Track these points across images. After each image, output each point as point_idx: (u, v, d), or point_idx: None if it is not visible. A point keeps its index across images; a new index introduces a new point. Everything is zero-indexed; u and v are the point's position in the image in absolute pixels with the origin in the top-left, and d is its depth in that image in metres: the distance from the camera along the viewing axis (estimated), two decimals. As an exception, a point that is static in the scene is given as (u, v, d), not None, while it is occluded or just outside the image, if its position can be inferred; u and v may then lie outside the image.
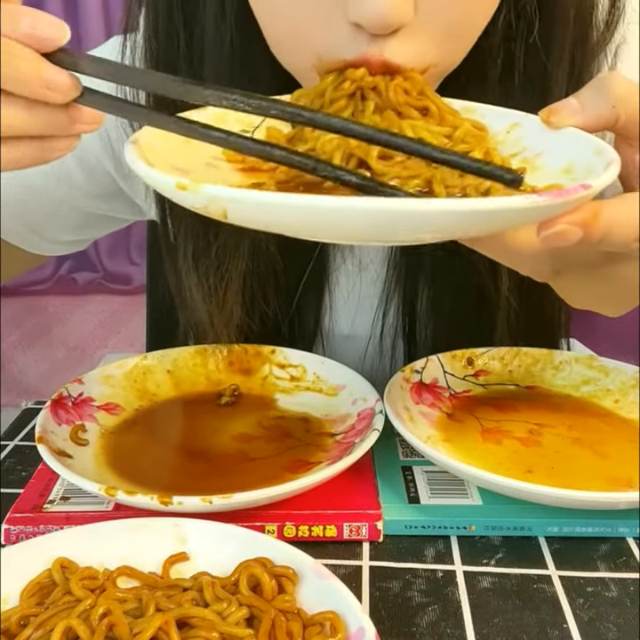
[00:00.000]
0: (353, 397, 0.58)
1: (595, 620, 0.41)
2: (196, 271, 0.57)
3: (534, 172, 0.39)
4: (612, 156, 0.35)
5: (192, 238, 0.56)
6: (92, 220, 0.69)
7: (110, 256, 2.22)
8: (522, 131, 0.41)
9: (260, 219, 0.32)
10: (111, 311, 2.29)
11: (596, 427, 0.56)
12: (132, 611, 0.37)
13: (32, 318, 2.29)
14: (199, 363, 0.64)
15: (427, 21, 0.39)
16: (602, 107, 0.37)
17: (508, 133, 0.42)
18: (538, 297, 0.60)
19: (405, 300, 0.64)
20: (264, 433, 0.56)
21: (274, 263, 0.60)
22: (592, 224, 0.33)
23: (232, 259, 0.57)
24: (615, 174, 0.34)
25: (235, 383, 0.62)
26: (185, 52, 0.51)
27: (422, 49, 0.41)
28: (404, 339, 0.66)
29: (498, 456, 0.51)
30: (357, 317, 0.67)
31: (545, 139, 0.40)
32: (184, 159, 0.38)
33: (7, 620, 0.37)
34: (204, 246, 0.56)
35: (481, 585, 0.44)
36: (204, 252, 0.57)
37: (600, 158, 0.36)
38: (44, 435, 0.50)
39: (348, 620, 0.35)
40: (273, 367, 0.63)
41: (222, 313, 0.59)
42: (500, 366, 0.63)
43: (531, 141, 0.41)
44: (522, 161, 0.40)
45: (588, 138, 0.38)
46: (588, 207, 0.33)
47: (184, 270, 0.58)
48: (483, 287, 0.59)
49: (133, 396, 0.60)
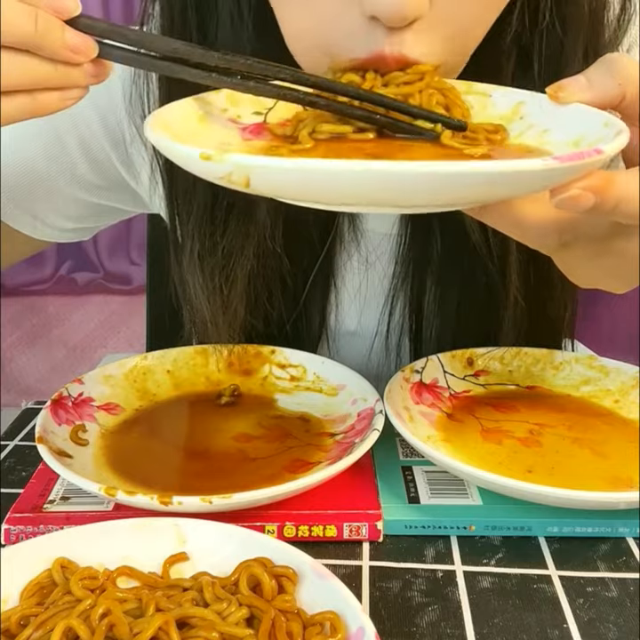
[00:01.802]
0: (353, 397, 0.58)
1: (595, 620, 0.41)
2: (202, 271, 0.57)
3: (544, 147, 0.39)
4: (620, 126, 0.35)
5: (199, 238, 0.56)
6: (95, 210, 0.68)
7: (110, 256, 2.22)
8: (528, 108, 0.42)
9: (281, 186, 0.32)
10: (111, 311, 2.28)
11: (596, 427, 0.56)
12: (132, 611, 0.37)
13: (32, 318, 2.28)
14: (199, 363, 0.64)
15: (441, 15, 0.40)
16: (608, 84, 0.38)
17: (514, 112, 0.42)
18: (544, 297, 0.61)
19: (412, 297, 0.64)
20: (264, 433, 0.56)
21: (280, 263, 0.60)
22: (605, 191, 0.33)
23: (238, 258, 0.57)
24: (625, 142, 0.34)
25: (234, 383, 0.62)
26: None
27: (435, 44, 0.41)
28: (410, 336, 0.66)
29: (498, 456, 0.51)
30: (364, 314, 0.67)
31: (552, 115, 0.40)
32: (199, 139, 0.39)
33: (7, 619, 0.37)
34: (211, 246, 0.56)
35: (481, 585, 0.44)
36: (210, 252, 0.57)
37: (609, 129, 0.36)
38: (44, 435, 0.50)
39: (348, 620, 0.35)
40: (273, 367, 0.63)
41: (227, 313, 0.59)
42: (499, 366, 0.63)
43: (538, 118, 0.41)
44: (529, 139, 0.40)
45: (595, 111, 0.38)
46: (601, 174, 0.33)
47: (189, 270, 0.58)
48: (490, 286, 0.59)
49: (133, 396, 0.60)
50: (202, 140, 0.39)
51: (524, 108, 0.42)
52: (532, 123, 0.41)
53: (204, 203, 0.56)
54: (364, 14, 0.39)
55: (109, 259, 2.21)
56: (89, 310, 2.29)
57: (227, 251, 0.56)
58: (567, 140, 0.39)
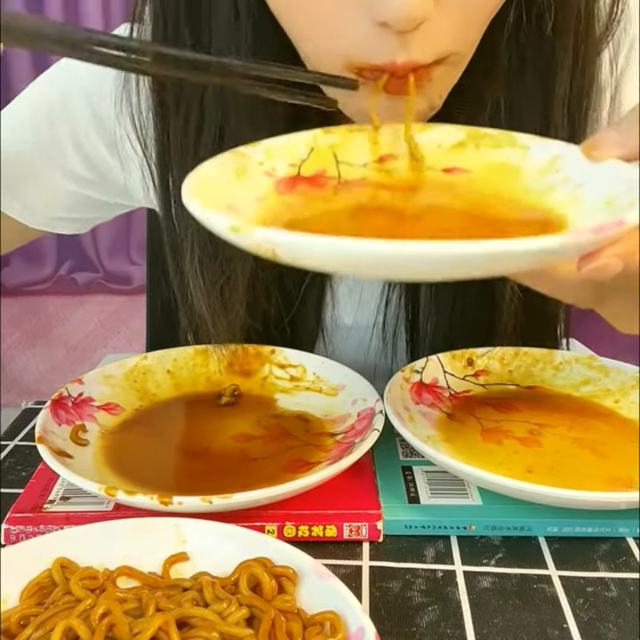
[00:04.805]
0: (353, 397, 0.58)
1: (595, 620, 0.41)
2: (203, 276, 0.57)
3: (576, 203, 0.39)
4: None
5: (199, 243, 0.56)
6: (83, 202, 0.68)
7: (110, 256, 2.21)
8: (564, 161, 0.41)
9: (307, 260, 0.33)
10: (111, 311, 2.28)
11: (597, 427, 0.56)
12: (132, 611, 0.37)
13: (32, 318, 2.28)
14: (199, 363, 0.64)
15: (446, 9, 0.40)
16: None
17: (550, 164, 0.42)
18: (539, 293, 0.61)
19: (408, 288, 0.64)
20: (264, 433, 0.56)
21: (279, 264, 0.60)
22: (634, 254, 0.33)
23: (239, 262, 0.57)
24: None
25: (235, 383, 0.62)
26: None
27: (444, 38, 0.41)
28: (407, 327, 0.66)
29: (498, 456, 0.51)
30: (360, 308, 0.68)
31: (586, 170, 0.39)
32: (235, 195, 0.39)
33: (7, 619, 0.37)
34: (212, 251, 0.56)
35: (481, 585, 0.44)
36: (211, 257, 0.56)
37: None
38: (43, 435, 0.50)
39: (348, 620, 0.35)
40: (273, 367, 0.63)
41: (228, 316, 0.59)
42: (499, 366, 0.63)
43: (572, 172, 0.40)
44: (563, 193, 0.40)
45: (629, 170, 0.37)
46: (628, 237, 0.32)
47: (191, 274, 0.57)
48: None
49: (133, 396, 0.60)
50: (238, 196, 0.39)
51: (559, 162, 0.42)
52: (568, 176, 0.41)
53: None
54: (374, 21, 0.39)
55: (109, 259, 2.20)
56: (89, 310, 2.29)
57: (228, 254, 0.56)
58: (601, 197, 0.38)
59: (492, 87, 0.49)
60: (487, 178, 0.43)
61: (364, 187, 0.43)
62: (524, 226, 0.38)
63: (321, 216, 0.40)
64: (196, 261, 0.57)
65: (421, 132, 0.45)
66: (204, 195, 0.36)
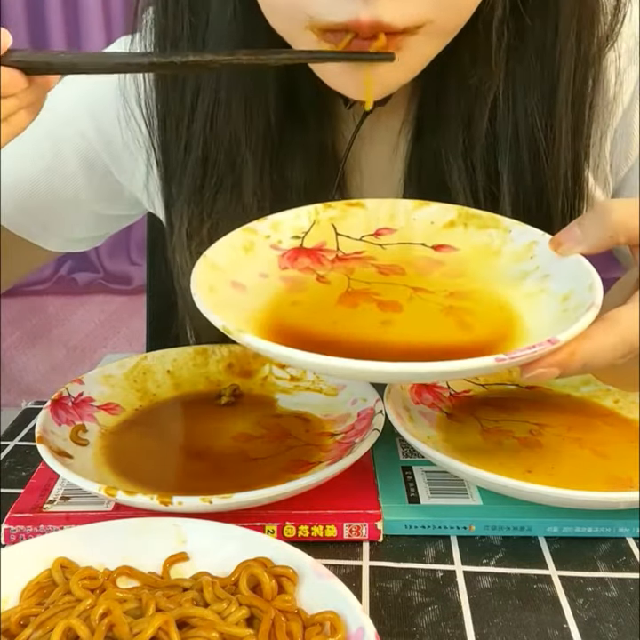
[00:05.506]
0: (353, 397, 0.57)
1: (595, 620, 0.41)
2: (189, 249, 0.58)
3: (541, 294, 0.44)
4: (592, 301, 0.39)
5: (187, 216, 0.57)
6: (99, 221, 0.70)
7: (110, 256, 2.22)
8: (539, 249, 0.46)
9: (290, 364, 0.41)
10: (111, 311, 2.28)
11: (596, 427, 0.56)
12: (132, 611, 0.37)
13: (32, 318, 2.28)
14: (199, 363, 0.64)
15: None
16: (601, 236, 0.41)
17: (527, 250, 0.46)
18: None
19: None
20: (264, 433, 0.56)
21: None
22: (569, 362, 0.37)
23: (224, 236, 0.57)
24: (588, 322, 0.38)
25: (235, 383, 0.62)
26: (189, 32, 0.53)
27: (418, 4, 0.41)
28: None
29: (498, 456, 0.51)
30: None
31: (554, 261, 0.44)
32: (242, 271, 0.45)
33: (7, 620, 0.37)
34: (198, 224, 0.57)
35: (481, 585, 0.44)
36: (197, 231, 0.57)
37: (590, 295, 0.40)
38: (44, 435, 0.50)
39: (348, 620, 0.35)
40: (273, 367, 0.63)
41: None
42: (500, 366, 0.63)
43: (543, 261, 0.45)
44: (532, 282, 0.45)
45: (587, 271, 0.42)
46: (565, 348, 0.37)
47: (178, 249, 0.58)
48: None
49: (133, 395, 0.60)
50: (245, 272, 0.45)
51: (535, 248, 0.46)
52: (539, 264, 0.45)
53: (193, 182, 0.57)
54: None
55: (109, 259, 2.21)
56: (89, 310, 2.29)
57: (213, 229, 0.57)
58: (560, 292, 0.42)
59: (489, 73, 0.49)
60: (472, 257, 0.48)
61: (358, 263, 0.48)
62: (488, 326, 0.43)
63: (312, 302, 0.45)
64: (183, 234, 0.58)
65: (418, 209, 0.50)
66: (212, 275, 0.42)
